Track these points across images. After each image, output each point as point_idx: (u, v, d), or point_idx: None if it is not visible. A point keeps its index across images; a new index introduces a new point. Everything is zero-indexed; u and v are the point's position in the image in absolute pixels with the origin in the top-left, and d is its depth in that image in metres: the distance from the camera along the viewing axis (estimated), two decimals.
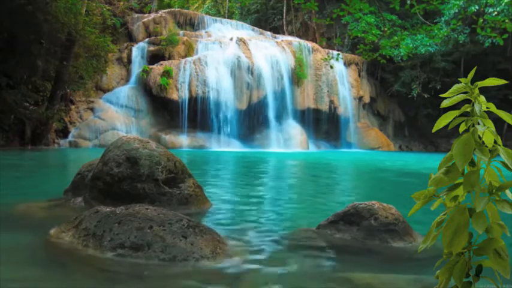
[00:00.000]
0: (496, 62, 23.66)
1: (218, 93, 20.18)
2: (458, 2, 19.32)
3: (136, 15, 23.33)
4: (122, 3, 22.98)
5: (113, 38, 20.23)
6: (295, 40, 24.50)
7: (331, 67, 18.29)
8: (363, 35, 10.76)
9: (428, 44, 21.45)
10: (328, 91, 24.00)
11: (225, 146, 19.83)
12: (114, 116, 18.76)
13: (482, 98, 1.00)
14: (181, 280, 2.28)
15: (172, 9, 25.78)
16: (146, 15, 23.73)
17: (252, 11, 32.89)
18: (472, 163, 0.97)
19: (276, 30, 29.54)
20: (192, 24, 24.38)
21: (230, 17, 32.63)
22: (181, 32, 22.56)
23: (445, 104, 1.04)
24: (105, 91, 20.15)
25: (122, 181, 3.88)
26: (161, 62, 20.30)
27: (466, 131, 0.98)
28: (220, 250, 2.62)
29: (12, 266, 2.32)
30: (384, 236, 3.00)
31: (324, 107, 23.95)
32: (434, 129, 1.08)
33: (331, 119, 24.42)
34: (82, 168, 4.59)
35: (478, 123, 0.97)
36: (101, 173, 3.98)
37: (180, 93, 19.72)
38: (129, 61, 21.02)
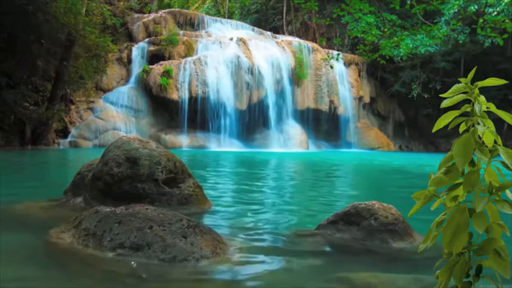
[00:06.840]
0: (496, 62, 23.65)
1: (218, 93, 20.18)
2: (458, 2, 19.31)
3: (136, 15, 23.35)
4: (122, 3, 23.00)
5: (113, 38, 20.25)
6: (295, 40, 24.50)
7: (331, 67, 18.29)
8: (362, 35, 10.76)
9: (428, 44, 21.44)
10: (328, 91, 24.00)
11: (225, 146, 19.82)
12: (114, 116, 18.77)
13: (482, 98, 1.00)
14: (181, 280, 2.28)
15: (172, 9, 25.79)
16: (146, 15, 23.75)
17: (252, 11, 32.89)
18: (472, 163, 0.97)
19: (276, 30, 29.54)
20: (192, 24, 24.38)
21: (230, 17, 32.64)
22: (181, 32, 22.57)
23: (445, 104, 1.04)
24: (105, 91, 20.15)
25: (121, 181, 3.88)
26: (161, 62, 20.30)
27: (466, 131, 0.98)
28: (220, 250, 2.62)
29: (12, 266, 2.32)
30: (384, 236, 2.99)
31: (324, 107, 23.96)
32: (434, 129, 1.08)
33: (331, 119, 24.42)
34: (82, 168, 4.58)
35: (478, 123, 0.97)
36: (100, 173, 3.97)
37: (180, 93, 19.73)
38: (129, 61, 21.03)
